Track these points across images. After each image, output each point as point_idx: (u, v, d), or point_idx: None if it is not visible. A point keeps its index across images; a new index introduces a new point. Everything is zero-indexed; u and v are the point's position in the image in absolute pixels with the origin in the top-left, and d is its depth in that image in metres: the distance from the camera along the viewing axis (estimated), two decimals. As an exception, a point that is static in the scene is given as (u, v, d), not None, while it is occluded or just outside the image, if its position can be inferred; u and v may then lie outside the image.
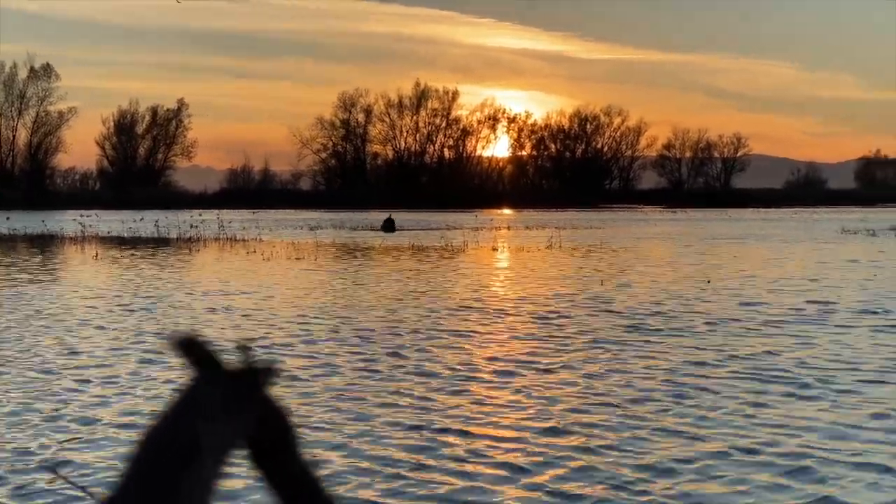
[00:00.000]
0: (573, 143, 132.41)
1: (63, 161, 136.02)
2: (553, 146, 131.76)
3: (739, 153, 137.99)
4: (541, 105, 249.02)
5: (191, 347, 0.89)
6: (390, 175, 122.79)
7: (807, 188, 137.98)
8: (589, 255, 28.73)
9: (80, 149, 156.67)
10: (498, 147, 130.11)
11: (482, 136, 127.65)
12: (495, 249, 32.28)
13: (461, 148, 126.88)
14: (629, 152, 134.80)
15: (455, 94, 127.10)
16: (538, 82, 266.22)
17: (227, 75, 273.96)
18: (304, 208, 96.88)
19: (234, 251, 31.38)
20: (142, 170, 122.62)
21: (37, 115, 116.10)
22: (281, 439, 0.95)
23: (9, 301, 16.69)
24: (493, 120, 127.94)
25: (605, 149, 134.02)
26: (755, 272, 22.22)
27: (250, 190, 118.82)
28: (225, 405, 0.87)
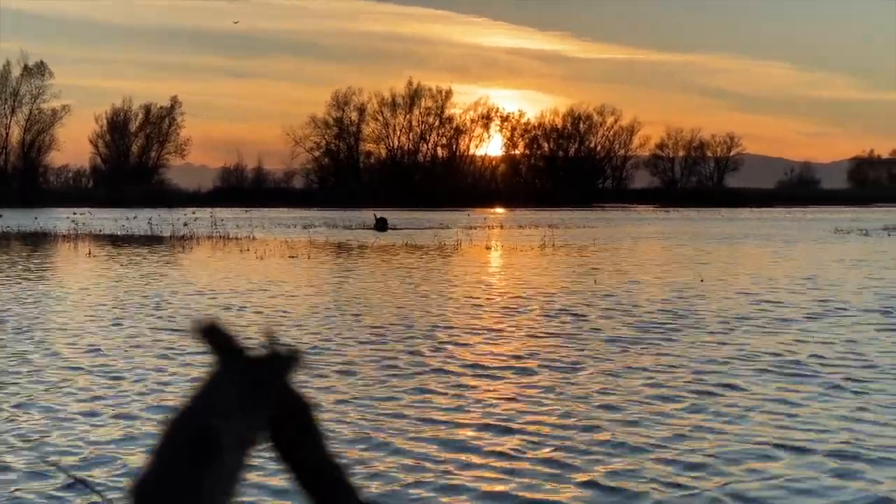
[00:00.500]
0: (566, 142, 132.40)
1: (56, 159, 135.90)
2: (546, 145, 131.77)
3: (732, 152, 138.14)
4: (534, 104, 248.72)
5: (213, 334, 0.88)
6: (383, 174, 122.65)
7: (800, 188, 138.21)
8: (587, 254, 28.72)
9: (74, 147, 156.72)
10: (491, 146, 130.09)
11: (475, 135, 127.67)
12: (489, 248, 32.25)
13: (454, 147, 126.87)
14: (622, 151, 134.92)
15: (448, 92, 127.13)
16: (532, 82, 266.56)
17: (220, 74, 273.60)
18: (298, 207, 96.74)
19: (228, 249, 31.29)
20: (135, 168, 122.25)
21: (30, 113, 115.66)
22: (303, 427, 0.94)
23: (16, 297, 16.65)
24: (487, 119, 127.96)
25: (599, 148, 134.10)
26: (757, 271, 22.23)
27: (243, 188, 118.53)
28: (245, 396, 0.86)
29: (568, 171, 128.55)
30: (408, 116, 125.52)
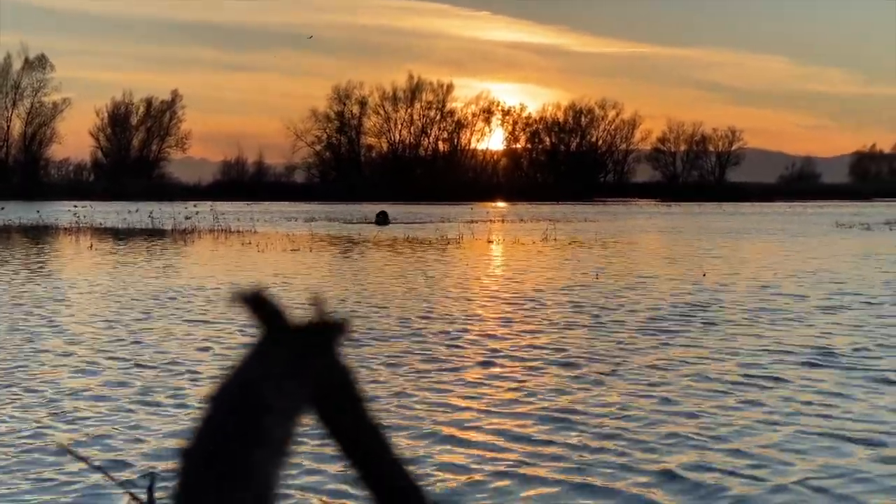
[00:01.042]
0: (568, 136, 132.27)
1: (57, 152, 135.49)
2: (548, 139, 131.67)
3: (734, 147, 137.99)
4: (535, 98, 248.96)
5: (257, 303, 0.86)
6: (385, 168, 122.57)
7: (801, 182, 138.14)
8: (595, 248, 28.63)
9: (74, 140, 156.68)
10: (492, 140, 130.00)
11: (477, 128, 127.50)
12: (491, 242, 32.15)
13: (456, 141, 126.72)
14: (624, 145, 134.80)
15: (450, 86, 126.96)
16: (533, 75, 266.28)
17: (221, 67, 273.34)
18: (299, 200, 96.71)
19: (230, 242, 31.24)
20: (136, 161, 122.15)
21: (31, 106, 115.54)
22: (349, 396, 0.93)
23: (28, 290, 16.62)
24: (488, 113, 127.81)
25: (600, 142, 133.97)
26: (769, 264, 22.16)
27: (244, 182, 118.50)
28: (292, 364, 0.86)
29: (569, 165, 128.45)
30: (409, 110, 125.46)
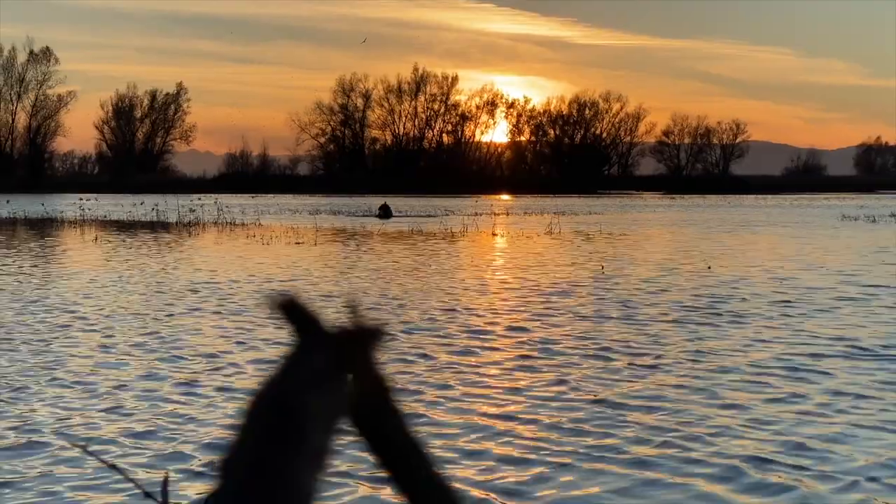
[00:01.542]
0: (572, 128, 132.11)
1: (62, 145, 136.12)
2: (552, 132, 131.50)
3: (738, 139, 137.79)
4: (540, 91, 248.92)
5: (292, 309, 0.85)
6: (389, 160, 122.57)
7: (806, 175, 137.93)
8: (605, 241, 28.51)
9: (79, 133, 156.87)
10: (496, 133, 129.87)
11: (481, 121, 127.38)
12: (495, 234, 32.05)
13: (460, 133, 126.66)
14: (628, 138, 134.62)
15: (454, 79, 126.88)
16: (537, 68, 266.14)
17: (226, 60, 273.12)
18: (303, 193, 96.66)
19: (235, 235, 31.20)
20: (140, 154, 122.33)
21: (36, 99, 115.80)
22: (384, 405, 0.92)
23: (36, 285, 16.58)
24: (492, 105, 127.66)
25: (604, 135, 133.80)
26: (784, 256, 22.01)
27: (249, 175, 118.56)
28: (329, 372, 0.85)
29: (574, 158, 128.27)
30: (413, 103, 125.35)
